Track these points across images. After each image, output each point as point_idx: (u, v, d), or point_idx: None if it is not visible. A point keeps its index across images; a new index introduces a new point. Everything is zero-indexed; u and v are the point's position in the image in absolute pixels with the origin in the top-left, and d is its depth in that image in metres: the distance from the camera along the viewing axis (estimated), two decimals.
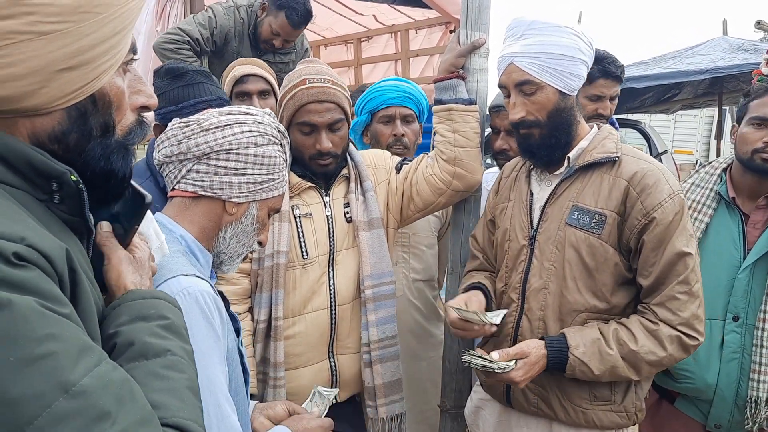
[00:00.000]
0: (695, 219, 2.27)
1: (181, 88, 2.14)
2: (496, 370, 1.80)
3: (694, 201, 2.31)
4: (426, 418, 2.63)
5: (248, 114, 1.49)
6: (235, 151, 1.44)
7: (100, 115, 0.93)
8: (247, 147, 1.45)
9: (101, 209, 1.05)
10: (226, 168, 1.44)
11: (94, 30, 0.86)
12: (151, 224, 1.22)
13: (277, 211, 1.59)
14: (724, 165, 2.36)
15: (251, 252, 2.14)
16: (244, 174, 1.46)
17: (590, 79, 2.84)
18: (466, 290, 2.12)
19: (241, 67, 2.91)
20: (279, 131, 1.53)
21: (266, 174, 1.49)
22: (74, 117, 0.89)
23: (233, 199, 1.47)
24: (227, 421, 1.30)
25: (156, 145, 1.48)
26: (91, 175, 0.94)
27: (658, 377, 2.32)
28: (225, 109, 1.49)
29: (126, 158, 0.99)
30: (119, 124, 0.99)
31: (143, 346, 0.93)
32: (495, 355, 1.85)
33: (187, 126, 1.45)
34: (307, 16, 3.81)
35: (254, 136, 1.46)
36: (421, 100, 2.76)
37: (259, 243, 1.58)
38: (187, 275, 1.33)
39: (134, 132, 1.03)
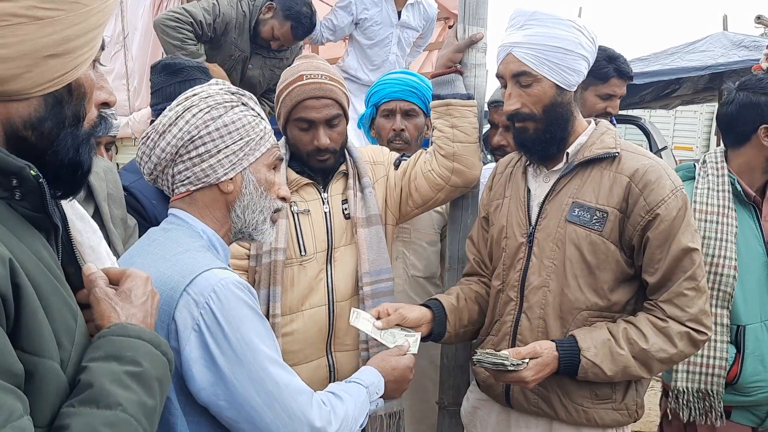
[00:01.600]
0: (726, 225, 2.22)
1: (178, 84, 2.14)
2: (510, 367, 1.78)
3: (718, 206, 2.26)
4: (425, 416, 2.61)
5: (194, 95, 1.47)
6: (198, 137, 1.43)
7: (74, 105, 0.95)
8: (206, 126, 1.44)
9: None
10: (200, 155, 1.44)
11: (81, 21, 0.89)
12: (101, 242, 1.19)
13: (280, 159, 1.58)
14: (724, 162, 2.33)
15: (246, 248, 2.16)
16: (218, 151, 1.45)
17: (604, 77, 2.87)
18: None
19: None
20: (232, 93, 1.51)
21: (240, 139, 1.47)
22: (51, 104, 0.91)
23: (223, 179, 1.46)
24: (293, 386, 1.39)
25: (138, 166, 1.51)
26: (60, 165, 0.94)
27: (724, 400, 2.25)
28: (173, 103, 1.48)
29: (91, 151, 1.00)
30: (86, 117, 1.00)
31: (100, 392, 0.89)
32: (505, 352, 1.83)
33: (148, 138, 1.46)
34: (310, 30, 3.92)
35: (207, 112, 1.45)
36: (427, 93, 2.73)
37: (283, 199, 1.58)
38: (219, 268, 1.36)
39: (98, 126, 1.05)
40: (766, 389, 2.19)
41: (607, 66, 2.85)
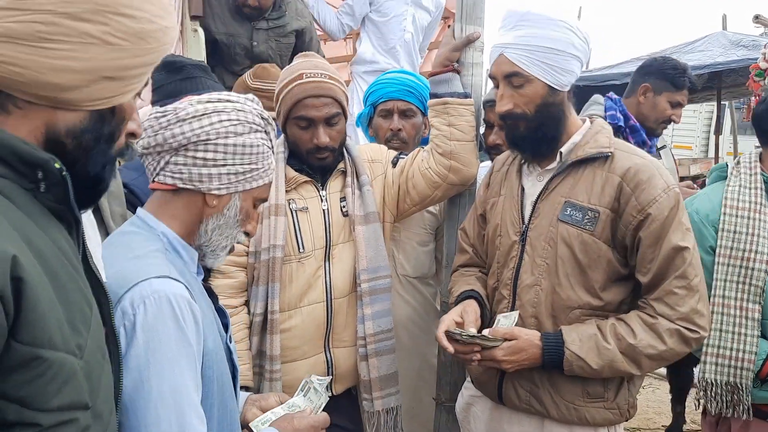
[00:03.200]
0: (759, 220, 2.23)
1: (179, 81, 2.15)
2: (477, 341, 1.79)
3: (750, 203, 2.26)
4: (416, 414, 2.62)
5: (228, 101, 1.43)
6: (213, 142, 1.38)
7: (113, 126, 1.03)
8: (226, 137, 1.39)
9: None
10: (205, 159, 1.38)
11: (141, 55, 1.01)
12: (99, 262, 1.19)
13: (264, 200, 1.54)
14: (757, 161, 2.34)
15: (245, 245, 2.17)
16: (224, 165, 1.40)
17: (681, 86, 3.06)
18: (459, 300, 2.07)
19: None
20: (262, 118, 1.47)
21: (248, 164, 1.43)
22: (94, 119, 0.99)
23: (213, 191, 1.41)
24: (189, 430, 1.25)
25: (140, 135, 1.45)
26: (84, 178, 1.00)
27: (759, 397, 2.23)
28: (204, 97, 1.44)
29: (112, 172, 1.07)
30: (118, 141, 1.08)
31: None
32: (473, 330, 1.86)
33: (163, 116, 1.40)
34: None
35: (233, 125, 1.40)
36: (425, 92, 2.74)
37: (246, 234, 1.53)
38: (160, 277, 1.28)
39: (124, 151, 1.14)
40: None
41: (683, 76, 3.03)
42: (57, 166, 0.93)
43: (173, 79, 2.16)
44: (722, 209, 2.26)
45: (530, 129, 1.93)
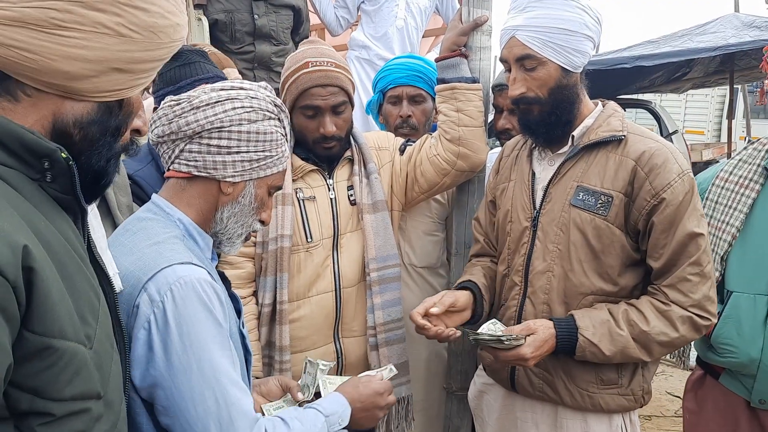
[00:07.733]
0: (742, 195, 2.21)
1: (178, 68, 2.12)
2: (505, 342, 1.77)
3: (741, 177, 2.23)
4: (426, 405, 2.59)
5: (241, 89, 1.45)
6: (227, 129, 1.40)
7: (119, 119, 1.04)
8: (240, 124, 1.41)
9: None
10: (219, 147, 1.40)
11: (152, 49, 1.02)
12: (106, 248, 1.20)
13: (279, 188, 1.55)
14: None
15: (254, 233, 2.15)
16: (238, 152, 1.41)
17: None
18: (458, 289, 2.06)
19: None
20: (275, 105, 1.48)
21: (262, 151, 1.44)
22: (102, 111, 1.00)
23: (228, 179, 1.43)
24: (237, 406, 1.31)
25: (149, 124, 1.46)
26: (88, 171, 1.01)
27: (702, 352, 2.28)
28: (217, 85, 1.45)
29: (116, 167, 1.08)
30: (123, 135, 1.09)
31: None
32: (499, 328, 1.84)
33: (177, 104, 1.41)
34: None
35: (247, 112, 1.42)
36: (434, 77, 2.70)
37: (261, 222, 1.54)
38: (182, 263, 1.31)
39: (128, 147, 1.19)
40: (735, 355, 2.18)
41: None
42: (64, 155, 0.93)
43: (172, 66, 2.13)
44: (714, 179, 2.26)
45: (544, 113, 1.89)
